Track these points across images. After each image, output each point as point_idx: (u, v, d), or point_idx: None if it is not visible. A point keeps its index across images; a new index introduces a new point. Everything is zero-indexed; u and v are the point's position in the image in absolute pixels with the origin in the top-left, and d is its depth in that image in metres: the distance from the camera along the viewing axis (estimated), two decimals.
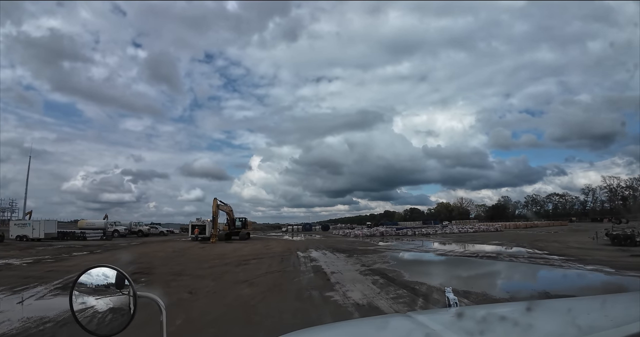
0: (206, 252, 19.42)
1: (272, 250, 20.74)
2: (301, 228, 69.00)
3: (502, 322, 1.01)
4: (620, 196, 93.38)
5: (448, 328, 1.03)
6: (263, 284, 9.09)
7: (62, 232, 37.10)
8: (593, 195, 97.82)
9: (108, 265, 1.13)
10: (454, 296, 1.47)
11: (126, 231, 43.03)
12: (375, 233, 39.16)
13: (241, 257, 16.52)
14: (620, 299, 1.40)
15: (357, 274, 10.74)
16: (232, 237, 33.46)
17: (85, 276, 1.10)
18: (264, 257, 16.41)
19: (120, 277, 1.11)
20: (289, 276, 10.44)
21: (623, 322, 0.86)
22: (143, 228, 45.77)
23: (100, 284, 1.10)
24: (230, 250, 21.02)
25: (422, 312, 1.36)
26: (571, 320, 0.98)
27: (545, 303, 1.32)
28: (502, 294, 8.19)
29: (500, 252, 16.55)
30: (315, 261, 14.41)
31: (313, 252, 19.08)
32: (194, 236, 32.79)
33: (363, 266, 12.53)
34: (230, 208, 33.43)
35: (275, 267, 12.43)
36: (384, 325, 1.37)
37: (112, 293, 1.09)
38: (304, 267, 12.53)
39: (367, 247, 21.48)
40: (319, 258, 15.64)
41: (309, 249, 20.76)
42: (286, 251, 19.58)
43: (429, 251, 18.66)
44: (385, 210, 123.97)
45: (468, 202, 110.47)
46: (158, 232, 48.09)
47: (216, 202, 30.16)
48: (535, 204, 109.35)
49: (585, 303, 1.34)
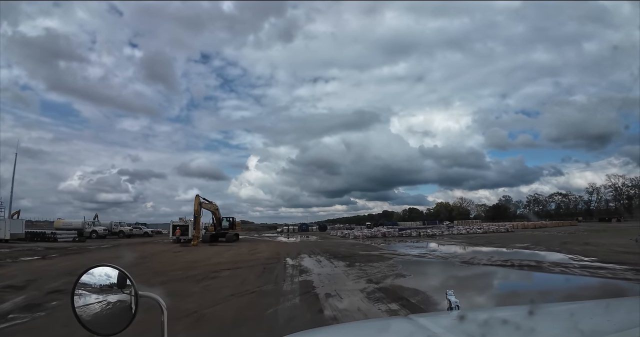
0: (176, 259, 15.99)
1: (258, 255, 17.34)
2: (297, 228, 65.60)
3: (504, 325, 0.96)
4: (626, 195, 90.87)
5: (449, 331, 1.03)
6: (215, 323, 5.70)
7: (32, 232, 33.76)
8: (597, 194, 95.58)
9: (110, 264, 1.09)
10: (456, 298, 1.41)
11: (106, 232, 39.51)
12: (377, 234, 35.80)
13: (215, 266, 13.13)
14: (623, 303, 1.33)
15: (363, 298, 7.36)
16: (219, 238, 30.09)
17: (87, 275, 1.08)
18: (243, 266, 13.02)
19: (122, 277, 1.07)
20: (263, 303, 7.04)
21: (626, 326, 0.85)
22: (125, 229, 42.24)
23: (102, 283, 1.08)
24: (208, 255, 17.61)
25: (423, 315, 1.37)
26: (573, 324, 0.97)
27: (548, 307, 1.25)
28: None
29: (540, 261, 13.18)
30: (306, 273, 11.03)
31: (306, 258, 15.69)
32: (176, 237, 29.36)
33: (370, 282, 9.16)
34: (216, 206, 29.92)
35: (250, 285, 9.03)
36: (386, 327, 1.37)
37: (114, 293, 1.06)
38: (288, 284, 9.14)
39: (370, 252, 18.10)
40: (311, 268, 12.25)
41: (302, 254, 17.38)
42: (273, 257, 16.19)
43: (447, 257, 15.27)
44: (383, 210, 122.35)
45: (468, 202, 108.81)
46: (142, 233, 44.61)
47: (198, 200, 26.61)
48: (537, 204, 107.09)
49: (587, 307, 1.29)
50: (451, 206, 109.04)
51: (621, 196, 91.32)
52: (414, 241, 28.98)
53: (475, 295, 7.81)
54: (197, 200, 26.52)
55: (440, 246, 23.05)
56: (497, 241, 25.64)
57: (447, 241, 27.06)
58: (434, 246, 22.65)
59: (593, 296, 8.33)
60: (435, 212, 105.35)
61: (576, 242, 22.60)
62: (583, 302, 1.35)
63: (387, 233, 35.65)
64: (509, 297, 7.94)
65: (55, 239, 31.70)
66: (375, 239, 32.81)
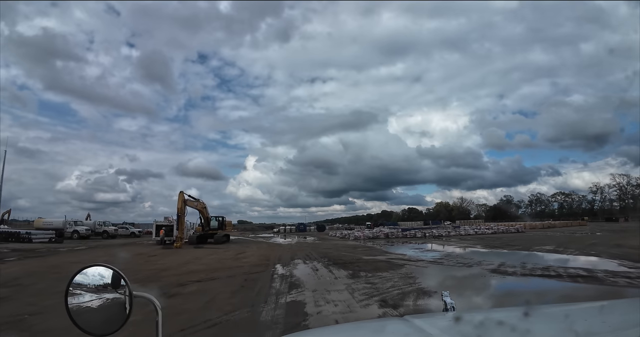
0: (144, 266, 13.33)
1: (244, 261, 14.73)
2: (295, 229, 62.92)
3: (500, 327, 0.97)
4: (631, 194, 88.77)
5: (445, 332, 1.01)
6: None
7: (6, 232, 31.25)
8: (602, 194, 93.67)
9: (104, 264, 1.08)
10: (451, 299, 1.42)
11: (88, 232, 36.76)
12: (379, 235, 33.20)
13: (184, 276, 10.50)
14: (618, 305, 1.36)
15: None
16: (208, 240, 27.46)
17: (80, 275, 1.06)
18: (220, 276, 10.40)
19: (116, 277, 1.06)
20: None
21: (620, 328, 0.85)
22: (109, 229, 39.47)
23: (96, 283, 1.06)
24: (185, 261, 14.98)
25: (419, 316, 1.24)
26: (569, 326, 0.97)
27: (543, 309, 1.23)
28: None
29: (588, 268, 10.57)
30: (297, 289, 8.39)
31: (299, 265, 13.09)
32: (159, 238, 26.73)
33: (384, 305, 6.56)
34: (204, 205, 27.20)
35: (215, 310, 6.39)
36: (381, 329, 1.35)
37: (108, 293, 1.05)
38: (270, 308, 6.51)
39: (376, 257, 15.50)
40: (304, 281, 9.62)
41: (295, 260, 14.77)
42: (261, 264, 13.57)
43: (469, 264, 12.64)
44: (382, 210, 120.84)
45: (468, 202, 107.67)
46: (129, 234, 41.92)
47: (182, 197, 23.87)
48: (539, 204, 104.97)
49: (582, 309, 1.29)
50: (451, 205, 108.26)
51: (626, 195, 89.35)
52: (420, 242, 26.39)
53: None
54: (181, 197, 23.78)
55: (453, 248, 20.46)
56: (514, 242, 23.09)
57: (458, 243, 24.47)
58: (446, 249, 20.05)
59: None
60: (435, 212, 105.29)
61: (604, 243, 20.12)
62: (578, 304, 1.36)
63: (390, 234, 33.03)
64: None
65: (30, 239, 29.06)
66: (377, 240, 30.23)
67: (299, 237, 39.41)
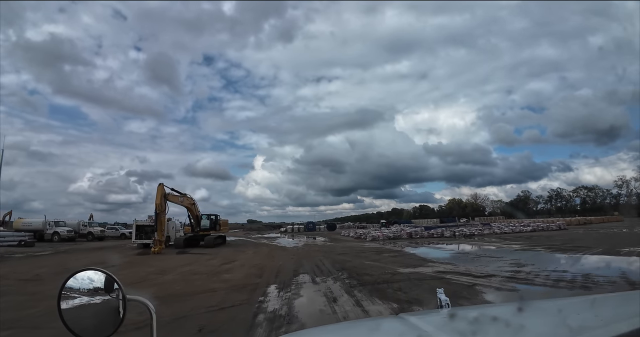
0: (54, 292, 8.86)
1: (224, 277, 10.13)
2: (303, 228, 58.18)
3: (494, 323, 0.97)
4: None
5: (440, 329, 1.02)
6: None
7: None
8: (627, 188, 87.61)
9: (96, 268, 1.05)
10: (446, 296, 1.40)
11: (71, 234, 32.73)
12: (401, 234, 28.35)
13: None
14: (610, 299, 1.37)
15: None
16: (200, 242, 22.99)
17: (72, 280, 1.04)
18: (163, 315, 5.79)
19: (109, 281, 1.03)
20: None
21: (612, 321, 0.85)
22: (94, 229, 35.43)
23: (89, 287, 1.03)
24: (139, 278, 10.45)
25: (414, 314, 1.27)
26: (562, 320, 0.98)
27: (537, 304, 1.26)
28: None
29: None
30: None
31: (305, 285, 8.42)
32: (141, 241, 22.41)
33: None
34: (192, 200, 22.59)
35: None
36: (376, 327, 1.35)
37: (102, 296, 1.03)
38: None
39: (417, 269, 10.74)
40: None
41: (300, 275, 10.11)
42: (247, 283, 8.92)
43: (572, 279, 7.82)
44: (392, 208, 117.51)
45: (483, 199, 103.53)
46: (119, 235, 37.83)
47: (162, 191, 19.20)
48: (560, 199, 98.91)
49: (575, 303, 1.31)
50: (464, 202, 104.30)
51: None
52: (454, 243, 21.50)
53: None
54: (160, 190, 19.14)
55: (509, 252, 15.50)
56: (575, 242, 18.08)
57: (507, 244, 19.48)
58: (502, 255, 15.10)
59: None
60: (448, 209, 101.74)
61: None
62: (570, 298, 1.40)
63: (414, 233, 28.14)
64: None
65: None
66: (399, 240, 25.42)
67: (308, 238, 34.85)
